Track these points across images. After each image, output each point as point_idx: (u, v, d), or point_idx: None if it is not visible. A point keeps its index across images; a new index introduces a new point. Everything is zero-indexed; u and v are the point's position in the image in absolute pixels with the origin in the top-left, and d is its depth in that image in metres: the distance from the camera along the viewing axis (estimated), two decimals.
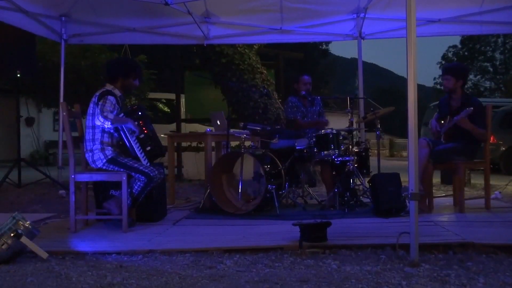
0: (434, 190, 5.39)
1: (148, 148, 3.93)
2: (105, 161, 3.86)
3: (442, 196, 5.60)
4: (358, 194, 4.78)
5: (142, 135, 3.91)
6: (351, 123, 4.94)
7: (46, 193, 6.29)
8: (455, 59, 39.34)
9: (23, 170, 6.91)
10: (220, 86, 7.83)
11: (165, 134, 5.47)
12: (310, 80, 5.40)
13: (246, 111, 7.46)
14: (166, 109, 12.25)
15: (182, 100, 9.88)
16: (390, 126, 32.96)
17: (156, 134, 4.06)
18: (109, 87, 4.01)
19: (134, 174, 3.83)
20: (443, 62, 40.46)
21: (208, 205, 4.80)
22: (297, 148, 4.81)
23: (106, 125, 3.74)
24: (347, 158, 4.70)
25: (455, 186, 4.78)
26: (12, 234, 2.91)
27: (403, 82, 2.95)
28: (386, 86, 58.41)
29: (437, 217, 4.23)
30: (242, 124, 5.48)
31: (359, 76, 6.98)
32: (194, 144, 8.58)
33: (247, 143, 4.82)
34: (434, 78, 43.60)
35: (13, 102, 7.65)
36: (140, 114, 3.97)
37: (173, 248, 3.19)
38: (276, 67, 9.43)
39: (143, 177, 3.82)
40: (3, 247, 2.90)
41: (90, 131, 3.90)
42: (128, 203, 3.78)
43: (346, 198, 4.59)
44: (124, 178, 3.73)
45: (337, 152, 4.71)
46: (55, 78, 7.25)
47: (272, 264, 2.85)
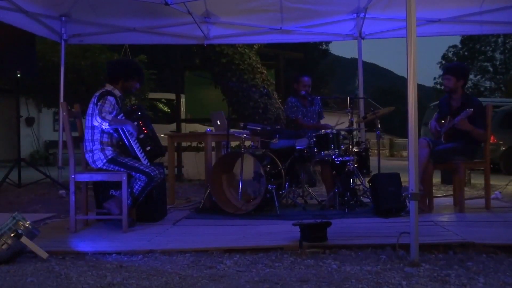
0: (434, 190, 5.39)
1: (148, 148, 3.94)
2: (105, 161, 3.86)
3: (442, 196, 5.60)
4: (358, 194, 4.78)
5: (142, 135, 3.91)
6: (351, 123, 4.94)
7: (46, 193, 6.29)
8: (455, 59, 39.36)
9: (23, 170, 6.91)
10: (220, 86, 7.84)
11: (165, 134, 5.47)
12: (310, 82, 5.40)
13: (246, 111, 7.47)
14: (166, 109, 12.24)
15: (182, 100, 9.88)
16: (390, 126, 32.99)
17: (156, 134, 4.06)
18: (109, 88, 4.00)
19: (134, 173, 3.83)
20: (443, 62, 40.50)
21: (208, 205, 4.79)
22: (297, 148, 4.81)
23: (104, 126, 3.74)
24: (347, 158, 4.70)
25: (455, 186, 4.78)
26: (12, 234, 2.91)
27: (403, 82, 2.95)
28: (386, 86, 58.51)
29: (437, 217, 4.22)
30: (242, 124, 5.49)
31: (359, 76, 6.98)
32: (194, 144, 8.57)
33: (247, 143, 4.81)
34: (434, 78, 43.72)
35: (13, 102, 7.65)
36: (139, 114, 3.96)
37: (173, 248, 3.18)
38: (276, 67, 9.43)
39: (144, 176, 3.82)
40: (3, 247, 2.90)
41: (89, 132, 3.90)
42: (128, 203, 3.78)
43: (346, 198, 4.58)
44: (124, 178, 3.73)
45: (337, 152, 4.71)
46: (55, 78, 7.26)
47: (272, 264, 2.85)
